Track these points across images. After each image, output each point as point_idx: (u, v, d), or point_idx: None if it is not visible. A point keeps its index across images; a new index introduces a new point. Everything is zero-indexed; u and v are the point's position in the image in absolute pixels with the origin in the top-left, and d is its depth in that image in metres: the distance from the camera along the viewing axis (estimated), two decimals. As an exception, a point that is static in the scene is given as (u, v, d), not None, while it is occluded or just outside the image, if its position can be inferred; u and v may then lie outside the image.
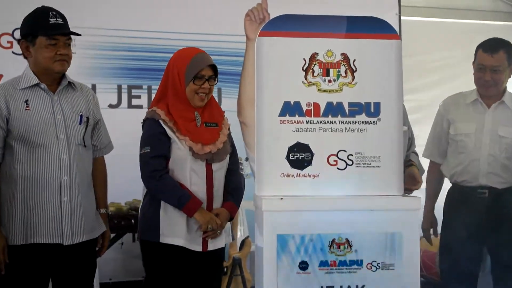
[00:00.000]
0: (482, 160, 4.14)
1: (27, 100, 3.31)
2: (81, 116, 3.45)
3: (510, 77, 4.26)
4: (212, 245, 3.61)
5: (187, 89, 3.58)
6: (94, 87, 6.42)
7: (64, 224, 3.30)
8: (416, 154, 4.06)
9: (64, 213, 3.31)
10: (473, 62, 4.29)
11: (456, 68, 7.32)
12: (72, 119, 3.41)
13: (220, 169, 3.66)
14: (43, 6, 3.44)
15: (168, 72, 3.66)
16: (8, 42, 6.37)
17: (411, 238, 2.70)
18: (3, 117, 3.26)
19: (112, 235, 5.20)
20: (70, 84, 3.48)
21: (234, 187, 3.75)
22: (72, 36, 3.45)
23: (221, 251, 3.74)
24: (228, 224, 3.71)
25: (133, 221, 4.96)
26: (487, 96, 4.23)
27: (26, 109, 3.30)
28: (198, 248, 3.54)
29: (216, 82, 3.72)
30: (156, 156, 3.50)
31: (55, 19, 3.33)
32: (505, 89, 4.25)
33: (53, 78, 3.38)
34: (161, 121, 3.53)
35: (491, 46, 4.19)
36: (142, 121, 3.65)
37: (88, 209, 3.47)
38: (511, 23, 8.54)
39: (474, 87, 4.31)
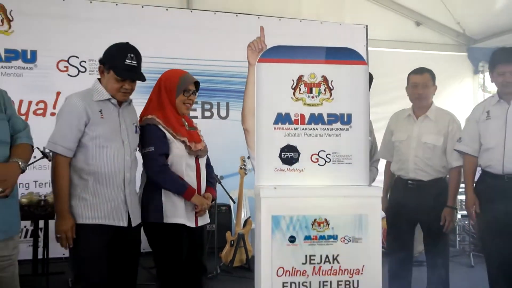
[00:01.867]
0: (410, 160, 4.24)
1: (101, 110, 3.21)
2: (136, 126, 3.41)
3: (434, 94, 4.37)
4: (201, 221, 3.62)
5: (177, 100, 3.56)
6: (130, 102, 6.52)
7: (129, 211, 3.26)
8: (377, 170, 4.16)
9: (128, 202, 3.26)
10: (406, 87, 4.42)
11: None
12: (130, 128, 3.35)
13: (203, 163, 3.67)
14: (127, 44, 3.33)
15: (162, 87, 3.60)
16: (64, 67, 6.40)
17: (375, 218, 2.72)
18: (83, 121, 3.12)
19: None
20: (130, 100, 3.43)
21: (212, 177, 3.77)
22: None
23: (204, 227, 3.72)
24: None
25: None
26: (419, 107, 4.30)
27: (101, 118, 3.19)
28: (192, 224, 3.54)
29: (196, 95, 3.71)
30: (162, 154, 3.47)
31: (130, 61, 3.22)
32: (431, 103, 4.33)
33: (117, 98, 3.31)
34: (160, 126, 3.49)
35: (419, 70, 4.37)
36: (144, 125, 3.54)
37: (137, 198, 3.44)
38: (455, 53, 8.57)
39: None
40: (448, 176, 4.33)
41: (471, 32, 8.53)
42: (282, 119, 2.77)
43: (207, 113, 6.96)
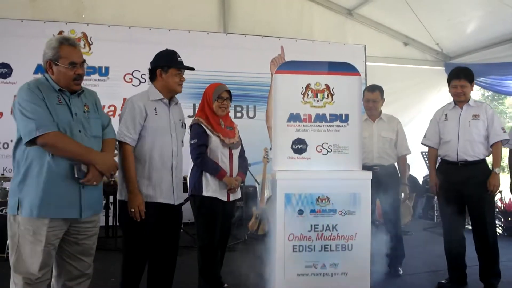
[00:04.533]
0: (374, 150, 4.26)
1: (155, 108, 3.11)
2: (182, 122, 3.31)
3: (382, 104, 4.41)
4: (232, 197, 3.60)
5: (214, 105, 3.57)
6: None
7: (174, 191, 3.15)
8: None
9: (174, 185, 3.15)
10: (363, 99, 4.23)
11: (399, 94, 7.28)
12: (178, 124, 3.24)
13: (236, 154, 3.64)
14: (168, 49, 3.26)
15: (204, 96, 3.65)
16: (129, 78, 6.47)
17: (366, 196, 2.72)
18: (143, 117, 3.03)
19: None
20: (176, 100, 3.30)
21: (244, 164, 3.74)
22: None
23: (236, 201, 3.70)
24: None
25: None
26: (372, 115, 4.37)
27: (155, 114, 3.09)
28: (224, 198, 3.54)
29: (231, 100, 3.67)
30: (201, 145, 3.49)
31: (180, 59, 3.19)
32: (380, 111, 4.41)
33: (170, 96, 3.21)
34: (202, 125, 3.53)
35: (372, 88, 4.38)
36: (190, 125, 3.59)
37: (181, 181, 3.31)
38: (435, 67, 8.42)
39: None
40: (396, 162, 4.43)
41: (447, 51, 8.36)
42: (294, 117, 2.78)
43: (238, 114, 6.94)
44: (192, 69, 3.26)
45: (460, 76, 3.92)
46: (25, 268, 2.43)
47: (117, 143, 2.96)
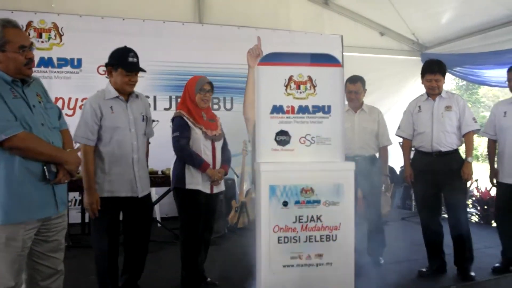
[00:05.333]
0: (356, 141, 4.34)
1: (111, 106, 3.23)
2: (143, 116, 3.40)
3: (364, 95, 4.48)
4: (215, 189, 3.67)
5: (197, 97, 3.62)
6: (155, 98, 6.53)
7: (137, 185, 3.28)
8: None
9: (136, 178, 3.28)
10: (345, 90, 4.30)
11: (376, 84, 7.38)
12: (138, 118, 3.35)
13: (218, 146, 3.69)
14: (125, 47, 3.32)
15: (185, 89, 3.68)
16: (103, 71, 6.29)
17: (349, 186, 2.77)
18: (99, 117, 3.17)
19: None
20: (136, 95, 3.40)
21: (227, 157, 3.80)
22: (142, 66, 3.35)
23: (219, 193, 3.78)
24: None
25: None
26: (354, 106, 4.45)
27: (111, 113, 3.22)
28: (208, 191, 3.60)
29: (212, 93, 3.74)
30: (184, 137, 3.53)
31: (132, 59, 3.24)
32: (362, 102, 4.47)
33: (126, 93, 3.31)
34: (184, 117, 3.57)
35: (353, 79, 4.42)
36: (171, 118, 3.67)
37: (147, 173, 3.47)
38: (411, 57, 8.56)
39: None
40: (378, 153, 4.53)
41: (423, 41, 8.51)
42: (277, 109, 2.80)
43: (215, 106, 6.93)
44: (143, 70, 3.36)
45: (435, 70, 4.06)
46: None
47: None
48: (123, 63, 3.23)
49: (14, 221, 2.30)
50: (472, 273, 3.99)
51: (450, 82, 15.40)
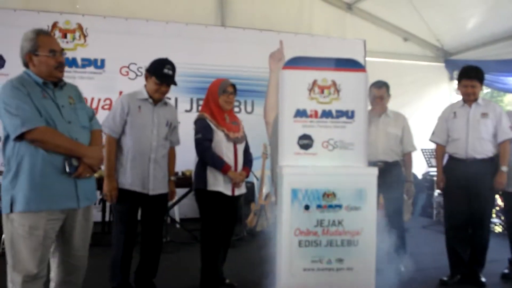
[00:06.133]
0: (379, 146, 4.33)
1: (140, 106, 3.46)
2: (167, 121, 3.57)
3: (388, 101, 4.50)
4: (237, 191, 3.73)
5: (220, 99, 3.68)
6: (176, 99, 6.62)
7: (150, 182, 3.46)
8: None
9: (150, 176, 3.45)
10: (369, 94, 4.39)
11: (398, 90, 7.34)
12: (162, 122, 3.53)
13: (240, 149, 3.76)
14: (165, 59, 3.53)
15: (209, 91, 3.76)
16: (126, 72, 6.51)
17: (371, 191, 2.76)
18: (125, 112, 3.41)
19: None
20: (165, 102, 3.60)
21: (249, 159, 3.89)
22: None
23: (240, 195, 3.83)
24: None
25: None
26: (378, 111, 4.44)
27: (138, 112, 3.45)
28: (229, 193, 3.66)
29: (235, 95, 3.84)
30: (206, 139, 3.61)
31: (167, 71, 3.46)
32: (387, 107, 4.48)
33: (155, 98, 3.51)
34: (207, 120, 3.64)
35: (378, 84, 4.45)
36: (194, 120, 3.76)
37: (164, 175, 3.59)
38: (435, 64, 8.53)
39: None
40: (402, 159, 4.49)
41: (447, 47, 8.47)
42: (300, 113, 2.81)
43: (236, 109, 6.97)
44: (175, 84, 3.58)
45: (471, 76, 4.06)
46: (22, 266, 2.48)
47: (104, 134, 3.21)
48: (157, 73, 3.45)
49: (34, 209, 2.46)
50: (483, 279, 4.03)
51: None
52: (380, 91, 4.40)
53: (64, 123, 2.56)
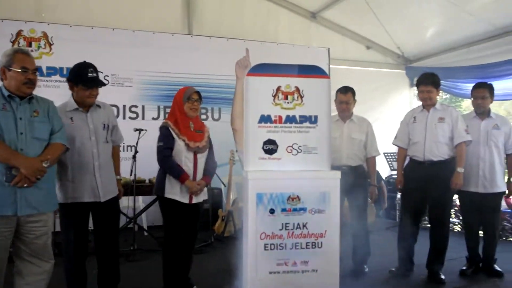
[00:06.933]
0: (343, 151, 4.39)
1: (71, 117, 3.32)
2: (104, 124, 3.47)
3: (354, 106, 4.54)
4: (195, 199, 3.70)
5: (185, 106, 3.66)
6: (143, 107, 6.56)
7: (99, 189, 3.37)
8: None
9: (98, 184, 3.36)
10: (335, 100, 4.51)
11: (362, 97, 7.47)
12: (98, 127, 3.42)
13: (201, 158, 3.72)
14: (84, 62, 3.41)
15: (174, 100, 3.73)
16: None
17: (335, 194, 2.82)
18: None
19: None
20: (97, 105, 3.46)
21: (210, 168, 3.82)
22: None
23: (199, 204, 3.79)
24: (205, 187, 3.76)
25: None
26: (343, 116, 4.51)
27: (71, 123, 3.28)
28: (186, 201, 3.64)
29: (201, 102, 3.77)
30: (167, 148, 3.59)
31: (91, 74, 3.32)
32: (352, 112, 4.53)
33: (85, 105, 3.38)
34: (170, 128, 3.62)
35: (344, 89, 4.50)
36: (159, 127, 3.71)
37: (111, 179, 3.53)
38: (396, 71, 8.71)
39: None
40: (365, 163, 4.55)
41: (408, 54, 8.68)
42: (265, 119, 2.85)
43: (203, 116, 6.96)
44: (103, 85, 3.46)
45: (427, 83, 4.28)
46: None
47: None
48: (82, 79, 3.31)
49: None
50: (442, 276, 4.17)
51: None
52: (346, 97, 4.46)
53: (14, 134, 2.69)
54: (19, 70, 2.73)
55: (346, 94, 4.48)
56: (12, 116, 2.71)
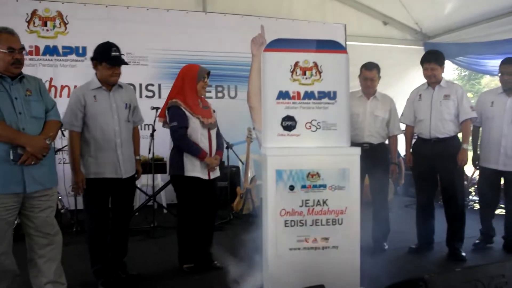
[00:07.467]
0: (365, 128, 4.36)
1: (95, 95, 3.43)
2: (126, 104, 3.55)
3: (378, 82, 4.48)
4: (212, 175, 3.79)
5: (198, 85, 3.72)
6: (159, 86, 6.57)
7: (121, 167, 3.47)
8: None
9: (120, 161, 3.47)
10: (359, 76, 4.48)
11: (382, 72, 7.36)
12: (121, 106, 3.51)
13: (213, 133, 3.81)
14: (108, 42, 3.52)
15: (184, 77, 3.75)
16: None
17: (355, 171, 2.77)
18: (82, 105, 3.39)
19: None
20: (119, 85, 3.55)
21: (220, 143, 3.92)
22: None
23: (216, 179, 3.89)
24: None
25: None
26: (367, 93, 4.44)
27: (95, 101, 3.41)
28: (206, 177, 3.73)
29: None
30: (182, 127, 3.65)
31: (115, 53, 3.44)
32: (375, 90, 4.47)
33: (108, 84, 3.49)
34: (181, 107, 3.66)
35: (369, 66, 4.44)
36: (167, 107, 3.74)
37: (131, 157, 3.61)
38: (414, 47, 8.55)
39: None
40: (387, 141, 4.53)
41: (426, 30, 8.50)
42: (283, 95, 2.79)
43: (219, 94, 6.96)
44: (126, 63, 3.57)
45: (430, 60, 4.26)
46: None
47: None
48: (106, 57, 3.41)
49: None
50: (463, 253, 4.16)
51: (452, 72, 15.33)
52: (371, 73, 4.39)
53: (13, 114, 2.74)
54: (6, 51, 2.73)
55: (372, 70, 4.40)
56: (8, 96, 2.76)
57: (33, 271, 2.94)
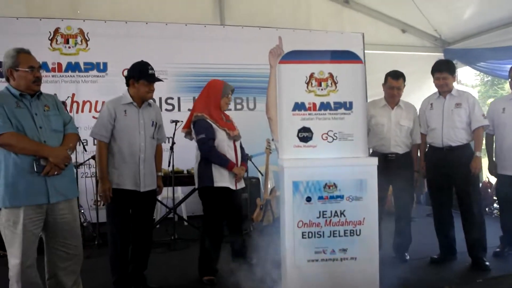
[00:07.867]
0: (391, 138, 4.29)
1: (125, 110, 3.54)
2: (153, 121, 3.66)
3: (403, 91, 4.41)
4: (239, 185, 3.87)
5: (222, 101, 3.84)
6: (179, 99, 6.65)
7: (141, 179, 3.55)
8: None
9: (141, 174, 3.55)
10: (384, 84, 4.43)
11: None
12: (148, 123, 3.62)
13: (238, 145, 3.93)
14: (143, 61, 3.62)
15: (207, 92, 3.88)
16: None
17: (372, 181, 2.77)
18: (113, 118, 3.50)
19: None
20: (148, 103, 3.67)
21: (244, 155, 4.02)
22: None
23: (241, 189, 3.97)
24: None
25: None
26: (391, 102, 4.38)
27: (125, 116, 3.54)
28: (233, 187, 3.81)
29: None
30: (210, 139, 3.73)
31: (151, 71, 3.57)
32: (400, 99, 4.41)
33: (141, 101, 3.60)
34: (208, 120, 3.76)
35: (396, 75, 4.37)
36: (193, 121, 3.84)
37: (152, 172, 3.68)
38: (433, 54, 8.46)
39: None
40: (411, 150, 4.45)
41: (445, 37, 8.41)
42: (299, 106, 2.83)
43: (238, 106, 6.99)
44: (161, 80, 3.76)
45: (442, 69, 4.25)
46: (13, 254, 2.80)
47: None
48: (144, 75, 3.54)
49: (10, 205, 2.78)
50: (487, 263, 4.07)
51: (474, 78, 15.12)
52: (397, 82, 4.33)
53: (34, 129, 2.85)
54: (28, 70, 2.85)
55: (398, 79, 4.34)
56: (28, 112, 2.86)
57: (51, 282, 3.00)
